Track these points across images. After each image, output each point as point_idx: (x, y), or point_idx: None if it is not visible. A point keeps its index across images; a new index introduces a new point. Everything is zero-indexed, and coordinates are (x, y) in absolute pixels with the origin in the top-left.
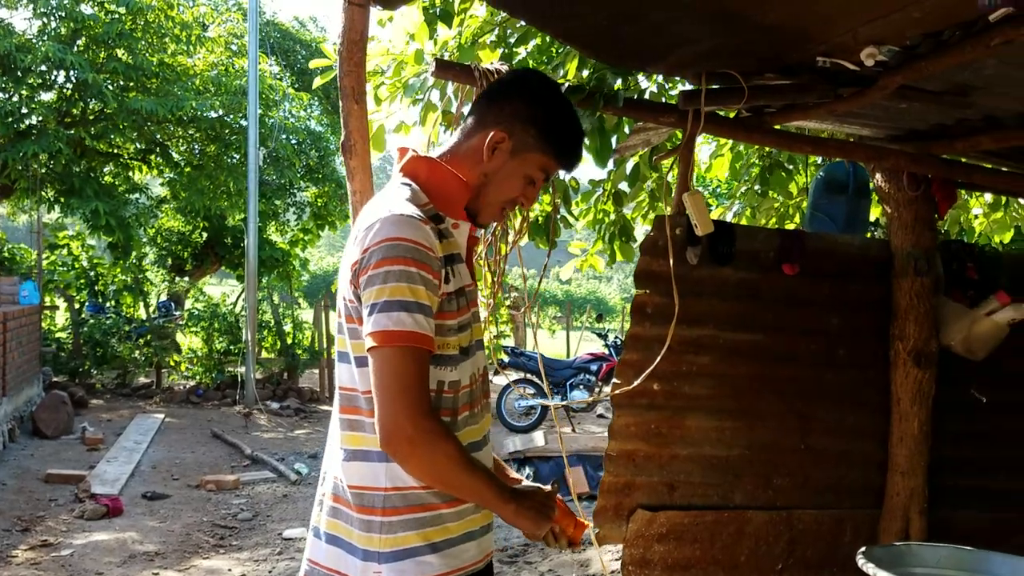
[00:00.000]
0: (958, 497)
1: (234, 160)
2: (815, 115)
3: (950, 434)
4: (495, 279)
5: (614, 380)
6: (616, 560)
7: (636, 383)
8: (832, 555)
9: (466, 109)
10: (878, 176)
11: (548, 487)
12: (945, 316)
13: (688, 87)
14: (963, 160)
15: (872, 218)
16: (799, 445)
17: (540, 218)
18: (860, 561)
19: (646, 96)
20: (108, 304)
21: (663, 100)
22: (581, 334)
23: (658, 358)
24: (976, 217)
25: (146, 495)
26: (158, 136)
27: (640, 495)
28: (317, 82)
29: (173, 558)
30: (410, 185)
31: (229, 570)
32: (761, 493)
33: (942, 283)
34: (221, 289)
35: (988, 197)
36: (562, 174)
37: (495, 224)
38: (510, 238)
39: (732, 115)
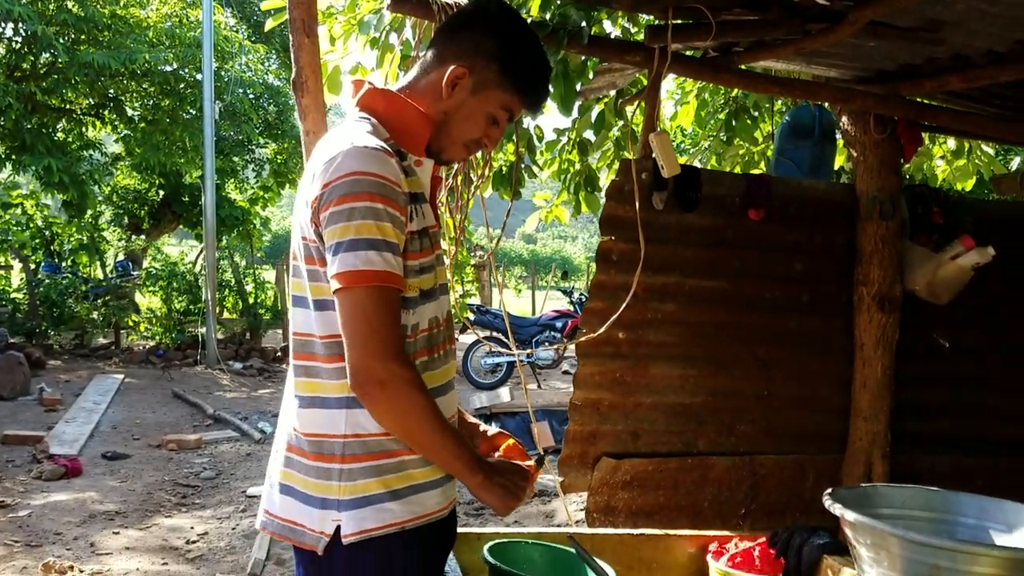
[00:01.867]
0: (920, 441)
1: (190, 115)
2: (783, 54)
3: (913, 379)
4: (457, 226)
5: (580, 329)
6: (581, 510)
7: (600, 331)
8: (794, 499)
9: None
10: (844, 119)
11: (530, 464)
12: (909, 260)
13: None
14: (930, 102)
15: (837, 165)
16: (762, 391)
17: (504, 168)
18: (827, 502)
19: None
20: (64, 264)
21: None
22: (547, 293)
23: (623, 306)
24: (939, 164)
25: (106, 455)
26: (111, 90)
27: (605, 443)
28: (269, 24)
29: (134, 517)
30: (368, 119)
31: (192, 528)
32: (724, 439)
33: (907, 227)
34: (183, 248)
35: (951, 144)
36: (528, 121)
37: (457, 166)
38: (473, 185)
39: (699, 55)
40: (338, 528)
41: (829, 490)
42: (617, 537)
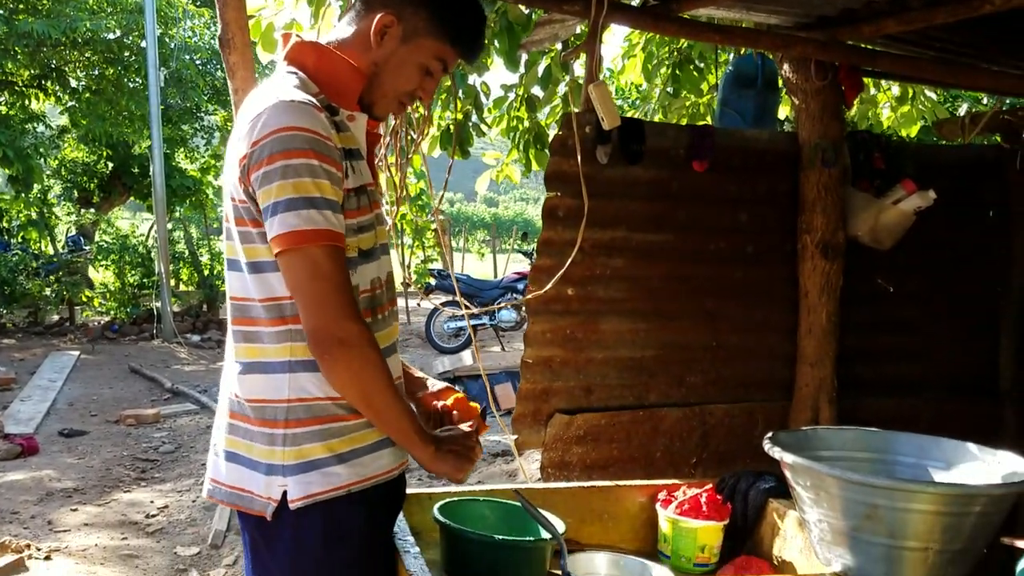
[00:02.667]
0: (866, 386)
1: (135, 83)
2: (724, 1)
3: (857, 324)
4: (399, 185)
5: (529, 287)
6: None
7: (547, 287)
8: (744, 447)
9: None
10: (786, 67)
11: (469, 425)
12: (852, 207)
13: None
14: (871, 47)
15: (782, 116)
16: (710, 343)
17: (451, 127)
18: (767, 446)
19: None
20: (14, 241)
21: None
22: (508, 256)
23: (568, 261)
24: (883, 111)
25: (63, 432)
26: (53, 61)
27: (558, 400)
28: None
29: (93, 493)
30: (296, 73)
31: (151, 501)
32: (674, 391)
33: (849, 174)
34: (135, 221)
35: (895, 90)
36: (474, 78)
37: (394, 121)
38: (414, 143)
39: (640, 4)
40: (284, 493)
41: (769, 434)
42: (568, 490)
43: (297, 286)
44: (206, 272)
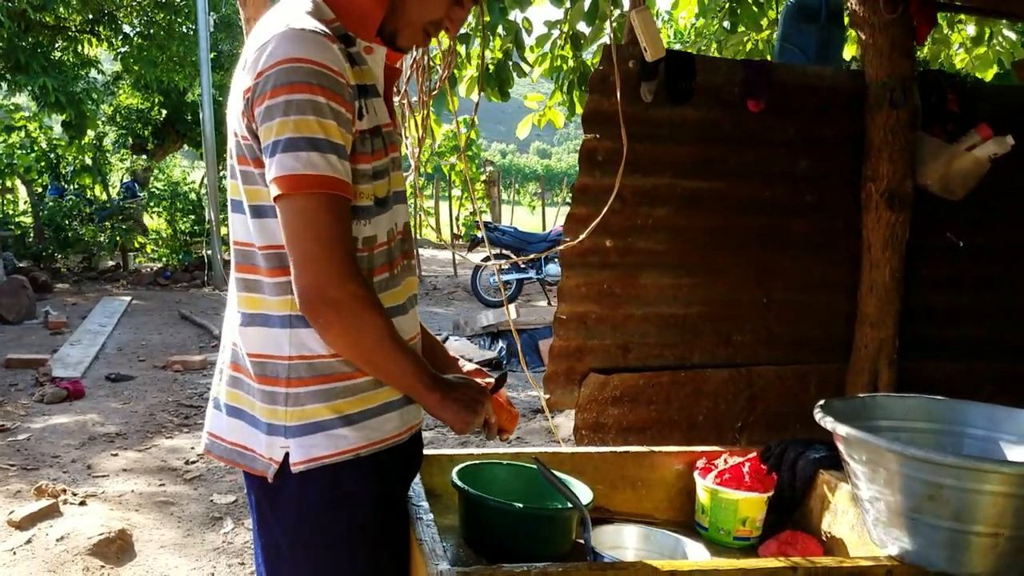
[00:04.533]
0: (928, 348)
1: (187, 29)
2: None
3: (922, 281)
4: (422, 125)
5: (563, 237)
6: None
7: (582, 237)
8: (795, 411)
9: None
10: None
11: (488, 381)
12: (922, 153)
13: None
14: None
15: (848, 56)
16: (762, 299)
17: (491, 67)
18: (818, 415)
19: None
20: (69, 186)
21: None
22: (559, 209)
23: (604, 209)
24: (957, 53)
25: (110, 377)
26: (105, 6)
27: (592, 359)
28: None
29: (134, 438)
30: None
31: (192, 448)
32: (721, 351)
33: (919, 117)
34: (190, 169)
35: (971, 30)
36: (515, 14)
37: (416, 54)
38: (438, 77)
39: None
40: (287, 455)
41: (821, 402)
42: (600, 455)
43: (291, 237)
44: None
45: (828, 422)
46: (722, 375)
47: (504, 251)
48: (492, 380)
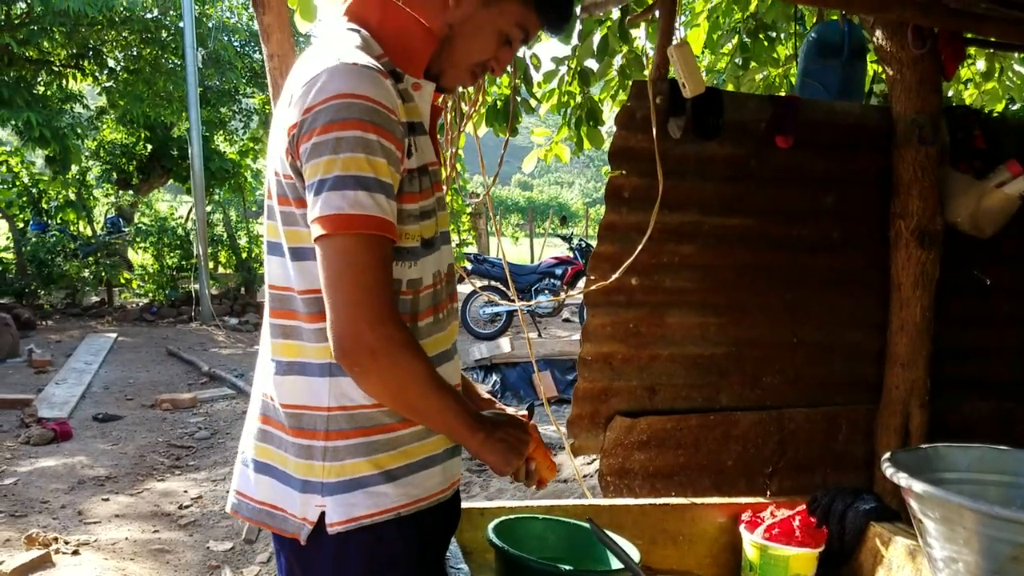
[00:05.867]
0: (957, 388)
1: (173, 64)
2: None
3: (951, 320)
4: (449, 164)
5: (588, 276)
6: (587, 464)
7: (613, 277)
8: (825, 455)
9: None
10: (878, 34)
11: (522, 414)
12: (951, 190)
13: None
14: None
15: (867, 87)
16: (790, 339)
17: (499, 102)
18: (888, 470)
19: None
20: (52, 222)
21: None
22: (544, 240)
23: (638, 249)
24: (966, 88)
25: (97, 417)
26: (90, 40)
27: (618, 401)
28: None
29: (125, 481)
30: (359, 31)
31: (185, 491)
32: (749, 393)
33: (947, 153)
34: (175, 204)
35: (980, 65)
36: (523, 50)
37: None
38: (466, 117)
39: None
40: (323, 515)
41: (888, 454)
42: (639, 508)
43: (329, 279)
44: (244, 255)
45: (901, 478)
46: (751, 418)
47: (493, 283)
48: (525, 414)
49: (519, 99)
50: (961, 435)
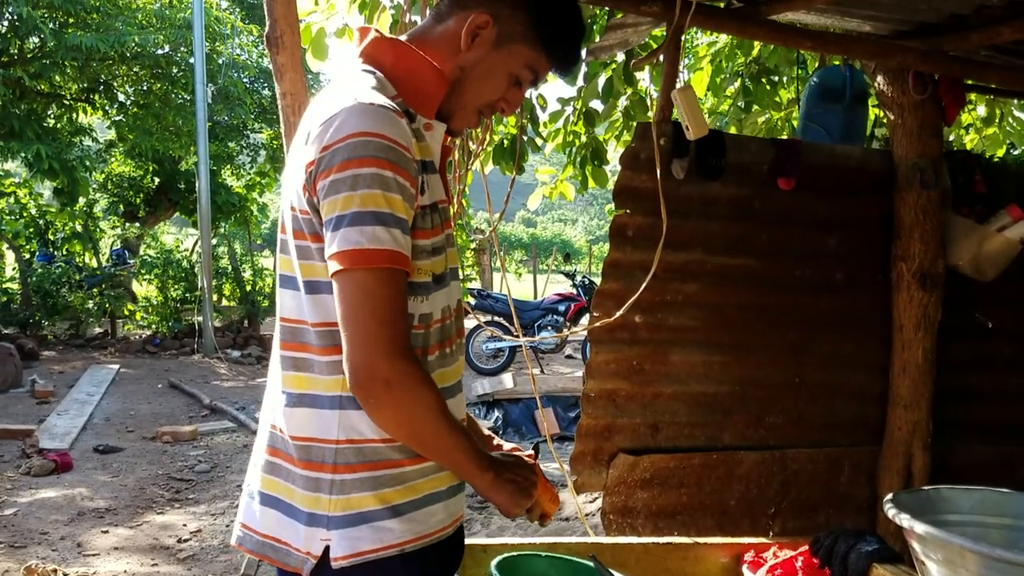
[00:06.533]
0: (959, 430)
1: (182, 99)
2: (817, 1)
3: (953, 362)
4: (456, 200)
5: (592, 313)
6: (590, 503)
7: (617, 315)
8: (828, 496)
9: (417, 18)
10: (879, 79)
11: (528, 453)
12: (952, 233)
13: None
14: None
15: (868, 131)
16: (793, 379)
17: (505, 141)
18: (890, 511)
19: None
20: (58, 253)
21: None
22: (548, 276)
23: (641, 287)
24: (966, 133)
25: (98, 449)
26: (101, 75)
27: (621, 438)
28: None
29: (125, 514)
30: (374, 73)
31: (184, 525)
32: (752, 432)
33: (949, 197)
34: (180, 236)
35: (981, 111)
36: (530, 92)
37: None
38: (473, 155)
39: (723, 6)
40: (327, 549)
41: (890, 496)
42: (641, 547)
43: (347, 312)
44: (248, 288)
45: (904, 519)
46: (754, 457)
47: (496, 318)
48: (532, 453)
49: (525, 138)
50: (963, 478)
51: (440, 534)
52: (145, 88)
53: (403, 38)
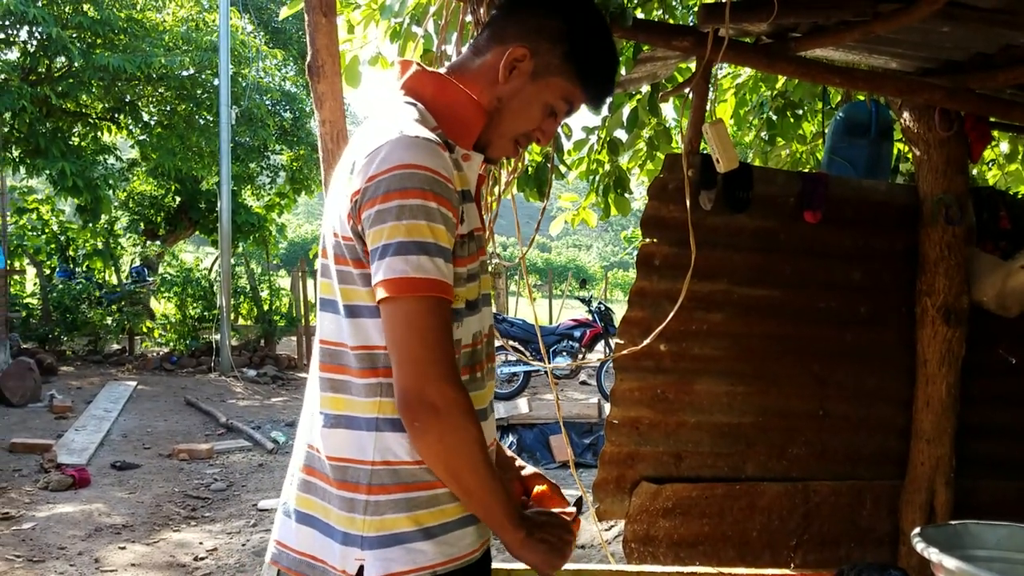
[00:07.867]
0: (984, 466)
1: (206, 120)
2: (845, 39)
3: (977, 398)
4: (489, 227)
5: (618, 340)
6: (607, 530)
7: (644, 343)
8: (850, 529)
9: (449, 48)
10: (905, 115)
11: (569, 511)
12: (977, 269)
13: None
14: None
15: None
16: (817, 411)
17: (531, 168)
18: (918, 545)
19: None
20: (79, 269)
21: None
22: (563, 301)
23: (669, 316)
24: (989, 169)
25: (115, 465)
26: (127, 95)
27: (644, 466)
28: (285, 12)
29: (141, 531)
30: (416, 105)
31: (200, 543)
32: (775, 463)
33: (974, 233)
34: (199, 255)
35: (1004, 147)
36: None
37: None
38: (503, 183)
39: (751, 41)
40: (361, 568)
41: (918, 529)
42: None
43: (394, 339)
44: (265, 307)
45: (932, 553)
46: (776, 489)
47: (511, 343)
48: (573, 510)
49: (550, 166)
50: (985, 513)
51: (469, 557)
52: (169, 109)
53: (442, 71)
